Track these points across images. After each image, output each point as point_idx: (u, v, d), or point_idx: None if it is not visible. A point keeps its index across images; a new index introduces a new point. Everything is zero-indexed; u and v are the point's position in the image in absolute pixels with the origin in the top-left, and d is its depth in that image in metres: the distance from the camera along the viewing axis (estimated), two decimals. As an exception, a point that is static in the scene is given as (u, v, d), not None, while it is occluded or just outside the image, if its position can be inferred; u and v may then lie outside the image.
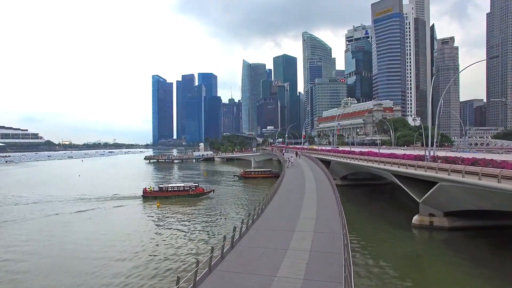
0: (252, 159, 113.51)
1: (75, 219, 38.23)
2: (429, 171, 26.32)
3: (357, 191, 54.94)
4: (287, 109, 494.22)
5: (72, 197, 52.50)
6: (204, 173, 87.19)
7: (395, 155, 36.97)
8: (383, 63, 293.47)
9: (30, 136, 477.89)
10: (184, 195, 50.83)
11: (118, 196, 53.00)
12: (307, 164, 52.74)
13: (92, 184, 69.93)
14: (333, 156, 55.46)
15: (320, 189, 28.26)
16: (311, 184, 31.33)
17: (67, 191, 59.80)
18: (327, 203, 22.36)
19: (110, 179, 78.99)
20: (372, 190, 56.25)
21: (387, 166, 33.21)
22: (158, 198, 49.81)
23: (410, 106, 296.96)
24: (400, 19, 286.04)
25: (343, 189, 47.99)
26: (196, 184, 53.39)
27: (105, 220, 38.45)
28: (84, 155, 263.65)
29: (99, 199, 50.65)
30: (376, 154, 42.07)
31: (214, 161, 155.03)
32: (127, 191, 57.26)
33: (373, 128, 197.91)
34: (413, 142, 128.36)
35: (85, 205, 46.41)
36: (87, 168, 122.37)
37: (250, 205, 41.52)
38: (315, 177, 35.64)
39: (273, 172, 78.37)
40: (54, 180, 78.43)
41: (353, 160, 43.87)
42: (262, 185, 66.44)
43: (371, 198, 49.34)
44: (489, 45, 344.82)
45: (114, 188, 61.16)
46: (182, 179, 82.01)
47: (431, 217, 29.53)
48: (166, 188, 52.06)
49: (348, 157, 46.95)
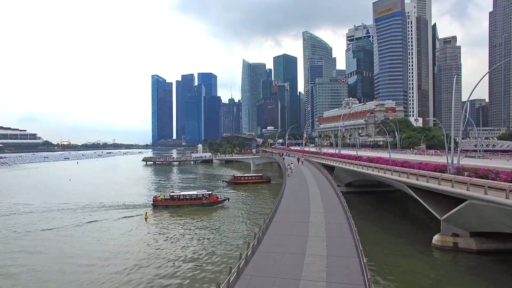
0: (251, 161, 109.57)
1: (54, 238, 34.00)
2: (457, 186, 22.31)
3: (363, 200, 50.97)
4: (287, 109, 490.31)
5: (55, 207, 48.39)
6: (201, 177, 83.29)
7: (409, 163, 32.93)
8: (385, 63, 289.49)
9: (28, 136, 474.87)
10: (197, 204, 47.22)
11: (106, 207, 49.00)
12: (311, 173, 48.25)
13: (81, 191, 65.77)
14: (337, 161, 51.38)
15: (329, 210, 24.05)
16: (317, 201, 27.03)
17: (51, 199, 55.70)
18: (339, 235, 17.93)
19: (101, 185, 74.91)
20: (380, 199, 52.32)
21: (403, 177, 29.16)
22: (169, 207, 46.54)
23: (412, 106, 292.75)
24: (402, 18, 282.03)
25: (348, 196, 43.45)
26: (210, 192, 49.64)
27: (90, 240, 34.16)
28: (81, 156, 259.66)
29: (84, 209, 46.68)
30: (387, 161, 38.01)
31: (212, 163, 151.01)
32: (115, 200, 53.29)
33: (375, 129, 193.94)
34: (418, 144, 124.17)
35: (68, 218, 42.34)
36: (80, 171, 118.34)
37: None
38: (321, 191, 31.38)
39: (264, 177, 75.47)
40: (41, 186, 74.37)
41: (361, 167, 39.80)
42: (256, 191, 62.54)
43: (380, 209, 45.26)
44: (492, 44, 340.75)
45: (102, 197, 57.08)
46: (179, 184, 78.00)
47: (455, 237, 25.54)
48: (177, 196, 48.16)
49: (354, 163, 42.85)
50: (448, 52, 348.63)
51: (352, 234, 17.23)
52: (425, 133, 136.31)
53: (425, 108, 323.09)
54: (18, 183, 78.87)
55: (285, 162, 60.86)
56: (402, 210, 45.55)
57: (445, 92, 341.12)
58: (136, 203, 51.06)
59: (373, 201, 51.12)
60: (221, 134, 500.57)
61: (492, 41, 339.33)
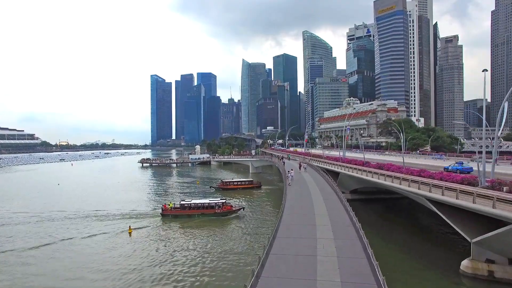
0: (250, 164, 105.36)
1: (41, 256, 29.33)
2: (500, 205, 18.12)
3: (371, 208, 46.77)
4: (287, 109, 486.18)
5: (29, 219, 43.83)
6: (197, 181, 79.15)
7: (427, 172, 28.77)
8: (386, 62, 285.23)
9: (26, 137, 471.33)
10: (209, 213, 43.34)
11: (89, 217, 44.72)
12: (314, 180, 43.58)
13: (66, 197, 61.44)
14: (343, 167, 47.12)
15: (340, 234, 19.64)
16: (324, 221, 22.53)
17: (32, 207, 51.44)
18: (357, 280, 13.39)
19: (90, 190, 70.64)
20: (388, 207, 48.17)
21: (423, 190, 24.92)
22: (179, 217, 42.95)
23: (413, 106, 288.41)
24: (403, 16, 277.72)
25: (353, 204, 38.97)
26: (223, 201, 45.51)
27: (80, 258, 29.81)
28: (78, 157, 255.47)
29: (63, 221, 42.37)
30: (400, 168, 33.77)
31: (210, 165, 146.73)
32: (101, 209, 49.03)
33: (377, 130, 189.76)
34: (422, 145, 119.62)
35: (40, 233, 38.04)
36: (72, 174, 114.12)
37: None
38: (328, 207, 26.89)
39: (255, 182, 71.19)
40: (26, 191, 70.20)
41: (371, 175, 35.53)
42: (247, 198, 58.44)
43: (391, 221, 41.01)
44: (494, 44, 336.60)
45: (87, 205, 52.83)
46: (174, 189, 73.77)
47: (490, 264, 21.38)
48: (188, 205, 44.24)
49: (363, 170, 38.57)
50: (450, 52, 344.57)
51: (376, 279, 12.99)
52: (429, 134, 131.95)
53: (426, 108, 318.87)
54: (1, 188, 74.58)
55: (285, 167, 56.25)
56: (416, 222, 41.33)
57: (447, 92, 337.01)
58: (125, 212, 46.80)
59: (381, 210, 46.98)
60: (220, 134, 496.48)
61: (494, 40, 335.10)
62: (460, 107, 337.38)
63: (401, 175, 29.46)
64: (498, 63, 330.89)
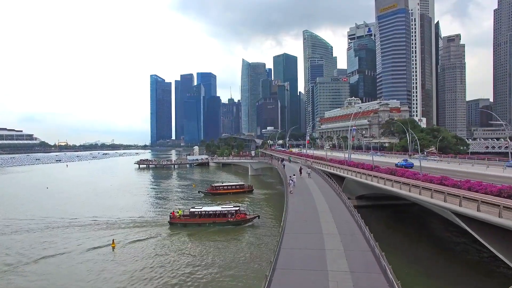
0: (249, 166, 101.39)
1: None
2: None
3: (380, 217, 42.82)
4: (287, 109, 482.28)
5: (13, 226, 40.23)
6: (193, 184, 75.31)
7: (451, 180, 24.83)
8: (388, 61, 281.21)
9: (25, 137, 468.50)
10: (221, 222, 39.68)
11: (75, 226, 40.77)
12: (318, 187, 39.16)
13: (53, 203, 57.50)
14: (349, 171, 43.16)
15: (357, 266, 15.26)
16: (335, 246, 18.00)
17: (13, 213, 47.56)
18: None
19: (79, 195, 66.66)
20: (398, 214, 44.23)
21: (451, 203, 20.96)
22: (188, 225, 39.56)
23: (416, 106, 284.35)
24: (405, 15, 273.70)
25: (360, 211, 35.22)
26: (237, 208, 41.68)
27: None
28: (75, 158, 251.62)
29: (43, 231, 38.42)
30: (415, 175, 29.78)
31: (209, 166, 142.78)
32: (87, 217, 45.15)
33: (379, 130, 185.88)
34: (427, 146, 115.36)
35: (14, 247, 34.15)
36: (65, 176, 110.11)
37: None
38: (339, 227, 22.25)
39: (246, 186, 67.06)
40: (13, 194, 66.33)
41: (383, 182, 31.51)
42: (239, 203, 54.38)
43: (403, 232, 36.94)
44: (496, 43, 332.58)
45: (73, 213, 48.95)
46: (166, 193, 69.83)
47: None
48: (198, 213, 40.65)
49: (373, 175, 34.55)
50: (452, 51, 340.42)
51: None
52: (434, 135, 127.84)
53: (428, 108, 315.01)
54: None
55: (285, 171, 52.06)
56: (433, 233, 37.31)
57: (448, 92, 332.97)
58: (112, 220, 42.88)
59: (391, 217, 43.02)
60: (220, 134, 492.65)
61: (496, 39, 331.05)
62: (463, 107, 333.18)
63: (421, 184, 25.49)
64: (500, 62, 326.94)
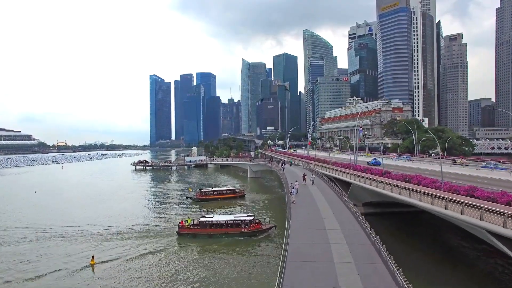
0: (248, 168, 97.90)
1: None
2: None
3: (391, 225, 39.29)
4: (287, 109, 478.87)
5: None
6: (189, 188, 71.88)
7: (482, 192, 21.35)
8: (389, 61, 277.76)
9: (23, 137, 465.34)
10: (234, 233, 36.17)
11: (55, 237, 37.25)
12: (324, 197, 34.95)
13: (38, 209, 54.00)
14: (356, 176, 39.62)
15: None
16: (349, 279, 14.60)
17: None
18: None
19: (68, 201, 63.11)
20: (409, 223, 40.70)
21: (489, 222, 17.35)
22: (198, 236, 36.17)
23: (417, 106, 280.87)
24: (407, 13, 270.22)
25: (368, 219, 31.74)
26: (252, 218, 37.76)
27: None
28: (72, 159, 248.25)
29: (18, 245, 34.88)
30: (435, 183, 26.26)
31: (207, 168, 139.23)
32: (70, 225, 41.68)
33: (381, 130, 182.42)
34: (433, 147, 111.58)
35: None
36: (58, 179, 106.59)
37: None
38: (354, 254, 18.74)
39: (237, 190, 62.92)
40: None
41: (398, 190, 27.86)
42: (231, 211, 51.12)
43: (418, 245, 33.44)
44: (499, 42, 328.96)
45: (58, 222, 45.46)
46: (163, 198, 66.26)
47: None
48: (209, 222, 37.10)
49: (386, 183, 30.96)
50: (454, 50, 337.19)
51: None
52: (438, 135, 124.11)
53: (430, 108, 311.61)
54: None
55: (286, 176, 48.32)
56: (451, 245, 33.77)
57: (450, 91, 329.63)
58: (97, 231, 39.36)
59: (401, 226, 39.50)
60: (220, 134, 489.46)
61: (499, 38, 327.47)
62: (465, 107, 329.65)
63: (446, 195, 21.95)
64: (503, 62, 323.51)
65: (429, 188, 25.23)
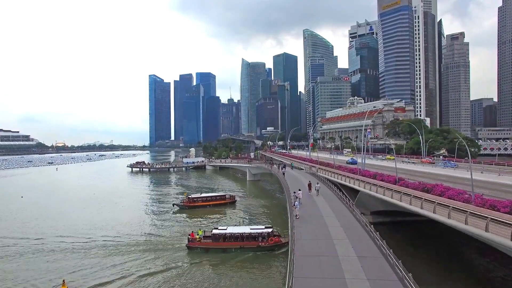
0: (247, 170, 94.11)
1: None
2: None
3: (403, 237, 35.61)
4: (287, 109, 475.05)
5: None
6: (184, 193, 68.13)
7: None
8: (391, 60, 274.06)
9: (21, 138, 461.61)
10: (250, 247, 32.01)
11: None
12: (331, 209, 30.79)
13: (19, 218, 49.93)
14: (365, 183, 35.80)
15: None
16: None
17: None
18: None
19: (57, 207, 59.29)
20: (423, 234, 36.91)
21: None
22: (211, 251, 32.25)
23: (419, 106, 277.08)
24: (408, 12, 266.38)
25: (378, 229, 27.75)
26: (270, 230, 33.34)
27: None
28: (70, 160, 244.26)
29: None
30: (462, 194, 22.39)
31: (205, 169, 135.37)
32: (57, 234, 37.85)
33: (383, 130, 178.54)
34: (438, 149, 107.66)
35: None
36: (50, 181, 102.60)
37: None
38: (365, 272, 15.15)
39: (228, 197, 58.77)
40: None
41: (419, 204, 23.94)
42: (222, 219, 47.25)
43: (435, 260, 29.58)
44: (501, 41, 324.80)
45: (35, 231, 41.63)
46: (155, 206, 62.44)
47: None
48: (223, 235, 33.01)
49: (403, 192, 27.10)
50: (455, 49, 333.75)
51: None
52: (443, 136, 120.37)
53: (431, 107, 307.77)
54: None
55: (287, 182, 44.36)
56: (471, 261, 29.96)
57: (452, 91, 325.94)
58: (80, 244, 35.46)
59: (415, 238, 35.70)
60: (220, 135, 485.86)
61: (501, 37, 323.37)
62: (467, 107, 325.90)
63: (485, 213, 18.06)
64: (505, 61, 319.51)
65: (456, 202, 21.37)
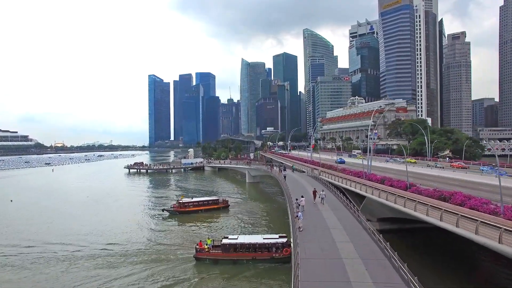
0: (246, 172, 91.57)
1: None
2: None
3: (413, 246, 33.09)
4: (287, 109, 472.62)
5: None
6: (181, 196, 65.66)
7: None
8: (392, 60, 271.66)
9: (20, 138, 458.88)
10: (264, 259, 29.74)
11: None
12: (337, 219, 28.08)
13: (7, 225, 47.52)
14: (372, 189, 33.27)
15: None
16: None
17: None
18: None
19: (46, 211, 56.74)
20: (434, 242, 34.31)
21: None
22: (220, 262, 29.84)
23: (420, 106, 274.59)
24: (410, 11, 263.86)
25: (386, 237, 24.88)
26: (284, 240, 30.90)
27: None
28: (68, 160, 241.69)
29: None
30: (487, 204, 19.89)
31: (204, 171, 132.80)
32: (45, 241, 35.31)
33: (385, 131, 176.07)
34: (442, 149, 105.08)
35: None
36: (44, 183, 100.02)
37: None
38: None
39: (220, 201, 56.18)
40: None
41: (438, 215, 21.27)
42: (214, 226, 44.69)
43: (449, 273, 27.00)
44: (502, 40, 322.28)
45: (20, 238, 39.08)
46: (151, 210, 59.86)
47: None
48: (234, 245, 30.51)
49: (419, 201, 24.51)
50: (457, 49, 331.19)
51: None
52: (447, 136, 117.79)
53: (433, 107, 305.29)
54: None
55: (288, 188, 41.76)
56: (487, 272, 27.41)
57: (453, 91, 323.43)
58: (67, 253, 32.87)
59: (426, 247, 33.23)
60: (219, 135, 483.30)
61: (502, 37, 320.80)
62: (468, 106, 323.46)
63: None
64: (506, 61, 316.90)
65: (483, 214, 18.77)
